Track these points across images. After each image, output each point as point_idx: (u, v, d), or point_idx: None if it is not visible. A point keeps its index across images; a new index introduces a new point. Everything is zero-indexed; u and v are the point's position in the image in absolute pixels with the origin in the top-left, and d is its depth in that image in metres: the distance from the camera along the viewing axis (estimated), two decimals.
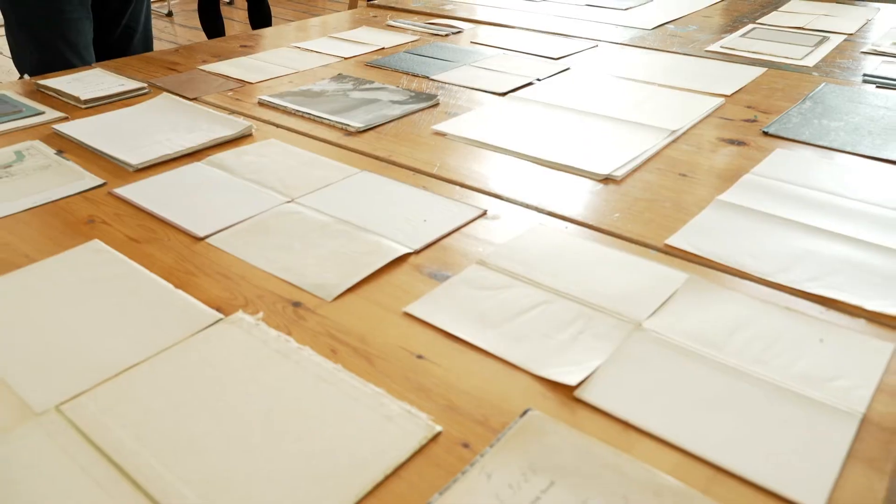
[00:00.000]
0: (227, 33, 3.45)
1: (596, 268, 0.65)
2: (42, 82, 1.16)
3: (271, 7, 3.35)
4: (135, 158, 0.87)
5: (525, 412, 0.48)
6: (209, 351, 0.54)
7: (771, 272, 0.64)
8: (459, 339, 0.56)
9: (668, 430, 0.47)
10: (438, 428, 0.47)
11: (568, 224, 0.74)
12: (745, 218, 0.74)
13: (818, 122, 1.00)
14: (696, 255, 0.67)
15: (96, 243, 0.70)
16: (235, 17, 4.85)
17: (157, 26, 4.67)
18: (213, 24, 3.32)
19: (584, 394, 0.50)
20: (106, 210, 0.77)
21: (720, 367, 0.52)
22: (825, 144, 0.93)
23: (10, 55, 1.48)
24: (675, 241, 0.69)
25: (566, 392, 0.50)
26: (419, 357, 0.54)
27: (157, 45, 4.21)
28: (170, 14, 4.93)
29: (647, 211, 0.76)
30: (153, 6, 4.99)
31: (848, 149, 0.91)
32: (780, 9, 1.71)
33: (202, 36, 4.29)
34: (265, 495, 0.42)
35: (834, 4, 1.75)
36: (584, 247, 0.69)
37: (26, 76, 1.24)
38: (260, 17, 3.32)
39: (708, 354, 0.54)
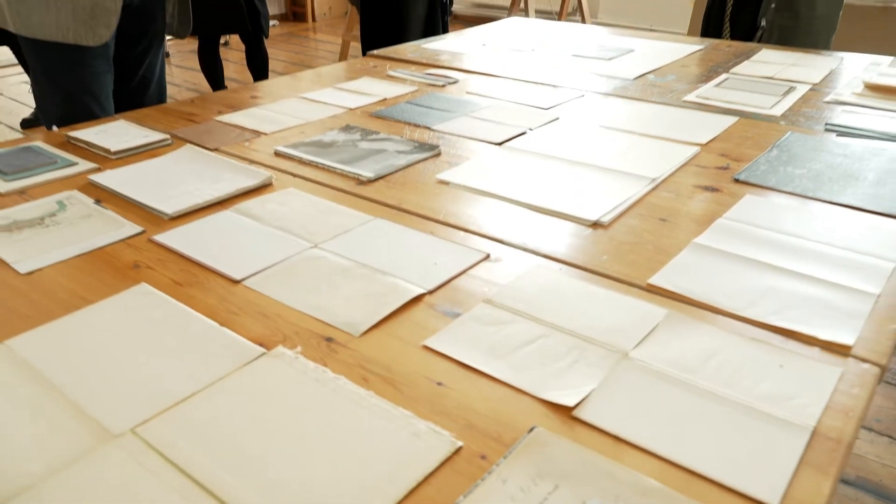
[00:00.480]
0: (224, 76, 3.57)
1: (587, 305, 0.75)
2: (72, 134, 1.25)
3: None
4: (169, 207, 0.97)
5: (532, 429, 0.57)
6: (257, 381, 0.63)
7: (739, 307, 0.74)
8: (473, 368, 0.65)
9: (653, 442, 0.56)
10: (459, 443, 0.56)
11: (562, 266, 0.83)
12: (718, 259, 0.84)
13: (783, 169, 1.11)
14: (675, 293, 0.77)
15: (144, 286, 0.79)
16: (231, 59, 4.98)
17: None
18: (212, 68, 3.44)
19: (581, 413, 0.59)
20: (148, 256, 0.86)
21: (696, 390, 0.62)
22: (789, 190, 1.03)
23: (10, 97, 1.57)
24: (657, 280, 0.79)
25: (566, 412, 0.59)
26: (439, 384, 0.63)
27: None
28: (166, 55, 5.05)
29: (631, 253, 0.86)
30: None
31: (809, 194, 1.02)
32: (751, 59, 1.84)
33: (199, 77, 4.42)
34: (319, 500, 0.50)
35: (801, 54, 1.88)
36: (577, 286, 0.79)
37: (55, 128, 1.33)
38: (257, 61, 3.44)
39: (685, 379, 0.63)
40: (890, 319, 0.73)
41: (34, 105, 3.83)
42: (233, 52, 5.20)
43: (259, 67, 3.49)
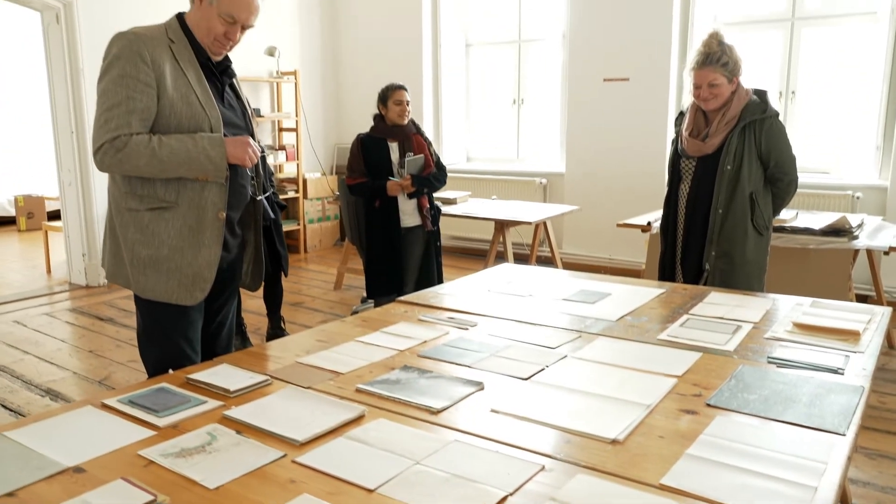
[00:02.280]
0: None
1: (620, 500, 1.08)
2: (191, 377, 1.60)
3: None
4: (299, 436, 1.30)
5: None
6: None
7: (725, 498, 1.08)
8: None
9: None
10: None
11: (595, 472, 1.18)
12: (706, 465, 1.19)
13: (741, 395, 1.50)
14: (680, 490, 1.11)
15: (306, 496, 1.10)
16: None
17: None
18: None
19: None
20: (297, 473, 1.18)
21: None
22: (748, 412, 1.42)
23: (33, 328, 1.90)
24: (666, 480, 1.14)
25: None
26: None
27: None
28: None
29: (643, 461, 1.21)
30: None
31: (762, 414, 1.40)
32: (704, 300, 2.31)
33: None
34: None
35: (742, 296, 2.37)
36: (609, 487, 1.13)
37: (170, 370, 1.67)
38: (274, 296, 3.89)
39: None
40: (825, 502, 1.08)
41: (51, 341, 4.13)
42: None
43: (275, 301, 3.93)
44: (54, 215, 8.09)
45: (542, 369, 1.67)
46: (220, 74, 1.95)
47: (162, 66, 1.81)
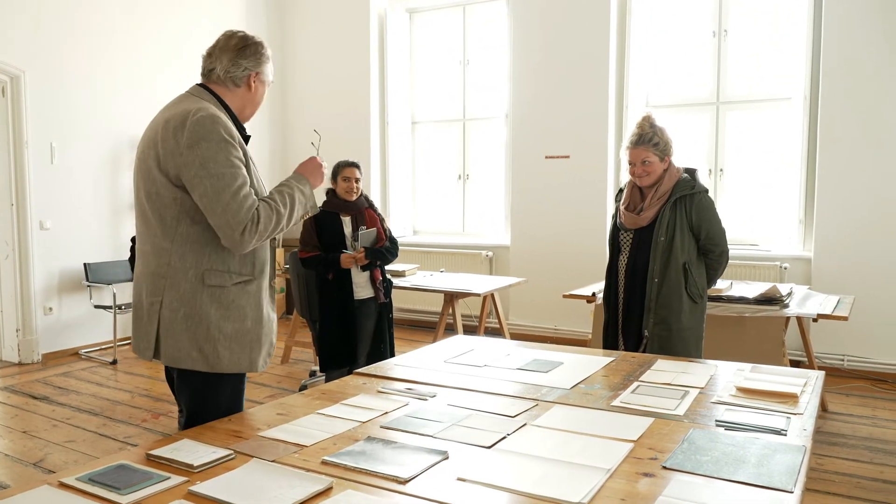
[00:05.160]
0: None
1: None
2: (153, 452, 1.58)
3: None
4: None
5: None
6: None
7: None
8: None
9: None
10: None
11: None
12: None
13: (694, 457, 1.57)
14: None
15: None
16: None
17: (102, 374, 5.02)
18: None
19: None
20: None
21: None
22: (701, 472, 1.49)
23: None
24: None
25: None
26: None
27: (107, 393, 4.58)
28: (114, 362, 5.32)
29: None
30: (96, 353, 5.38)
31: (714, 475, 1.47)
32: (652, 367, 2.40)
33: (150, 383, 4.68)
34: None
35: (687, 363, 2.48)
36: None
37: (129, 447, 1.63)
38: None
39: None
40: None
41: None
42: None
43: None
44: None
45: (504, 437, 1.71)
46: None
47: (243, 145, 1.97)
